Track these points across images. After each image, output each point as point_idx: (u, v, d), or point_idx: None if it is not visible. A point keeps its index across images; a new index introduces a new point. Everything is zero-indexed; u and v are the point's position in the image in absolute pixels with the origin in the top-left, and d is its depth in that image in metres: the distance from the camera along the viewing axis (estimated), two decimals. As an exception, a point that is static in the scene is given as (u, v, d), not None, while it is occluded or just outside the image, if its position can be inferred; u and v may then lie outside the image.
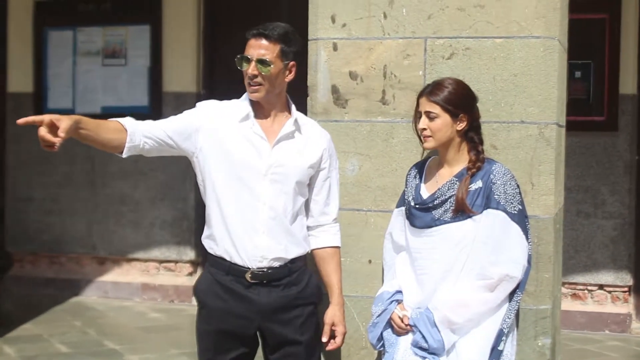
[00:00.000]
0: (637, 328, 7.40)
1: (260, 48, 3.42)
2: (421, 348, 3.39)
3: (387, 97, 4.02)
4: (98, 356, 6.39)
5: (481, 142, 3.52)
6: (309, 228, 3.63)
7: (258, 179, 3.44)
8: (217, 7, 8.33)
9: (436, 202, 3.46)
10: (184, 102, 7.62)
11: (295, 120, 3.55)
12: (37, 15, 8.59)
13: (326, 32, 4.10)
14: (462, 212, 3.41)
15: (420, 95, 3.53)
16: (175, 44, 8.24)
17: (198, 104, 3.58)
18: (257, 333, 3.54)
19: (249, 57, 3.43)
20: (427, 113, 3.45)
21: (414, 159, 3.99)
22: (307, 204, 3.63)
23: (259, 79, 3.43)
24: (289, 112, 3.58)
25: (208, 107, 3.55)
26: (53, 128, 3.00)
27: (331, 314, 3.59)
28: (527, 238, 3.44)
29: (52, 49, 8.52)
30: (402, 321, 3.49)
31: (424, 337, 3.39)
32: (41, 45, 8.56)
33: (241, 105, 3.54)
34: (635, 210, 7.41)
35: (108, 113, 6.26)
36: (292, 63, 3.50)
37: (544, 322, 3.88)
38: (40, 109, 8.38)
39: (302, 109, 3.94)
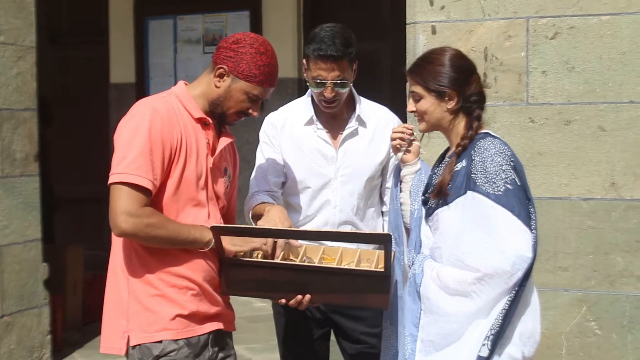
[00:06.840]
0: None
1: (332, 70, 3.28)
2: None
3: (488, 80, 3.99)
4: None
5: (478, 118, 2.89)
6: (382, 214, 3.56)
7: (327, 183, 3.43)
8: (316, -9, 8.31)
9: (430, 188, 2.98)
10: (285, 88, 7.64)
11: (358, 117, 3.45)
12: (137, 6, 8.70)
13: (425, 16, 4.07)
14: (443, 197, 2.86)
15: (406, 72, 2.99)
16: (275, 29, 8.23)
17: (262, 131, 3.55)
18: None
19: (324, 81, 3.30)
20: (412, 94, 2.92)
21: (517, 142, 3.94)
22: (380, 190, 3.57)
23: (336, 98, 3.35)
24: (353, 105, 3.48)
25: (271, 130, 3.52)
26: None
27: None
28: (527, 223, 2.73)
29: (153, 38, 8.60)
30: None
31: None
32: (142, 35, 8.68)
33: (303, 108, 3.49)
34: None
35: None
36: (356, 63, 3.38)
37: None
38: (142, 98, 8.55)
39: (399, 93, 3.88)
